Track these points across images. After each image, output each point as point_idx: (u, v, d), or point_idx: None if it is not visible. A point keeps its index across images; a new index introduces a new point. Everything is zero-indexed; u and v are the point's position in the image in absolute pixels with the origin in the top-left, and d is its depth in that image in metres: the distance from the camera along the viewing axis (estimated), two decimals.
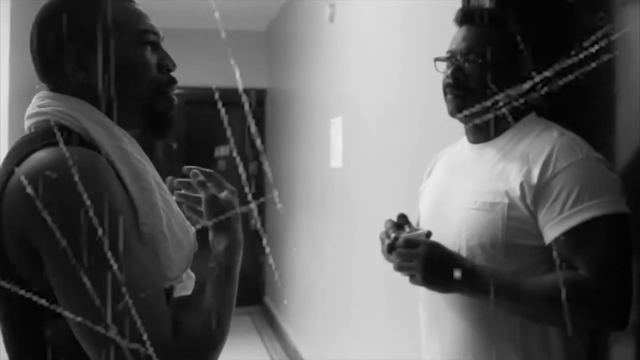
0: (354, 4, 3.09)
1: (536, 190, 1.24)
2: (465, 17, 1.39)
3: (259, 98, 5.74)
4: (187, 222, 1.05)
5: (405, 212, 1.44)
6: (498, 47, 1.33)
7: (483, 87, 1.32)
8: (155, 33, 1.04)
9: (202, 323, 0.91)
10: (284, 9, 4.88)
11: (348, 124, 3.18)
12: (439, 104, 1.44)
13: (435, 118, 1.81)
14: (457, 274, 1.23)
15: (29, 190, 0.83)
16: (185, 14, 4.88)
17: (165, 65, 1.04)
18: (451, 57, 1.39)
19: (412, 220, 1.44)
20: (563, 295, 1.15)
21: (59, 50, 0.97)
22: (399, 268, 1.29)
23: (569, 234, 1.20)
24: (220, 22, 5.31)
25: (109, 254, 0.81)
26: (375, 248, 1.45)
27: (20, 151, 0.90)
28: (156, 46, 1.04)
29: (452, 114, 1.40)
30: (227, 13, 5.09)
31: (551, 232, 1.22)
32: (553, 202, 1.22)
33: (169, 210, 0.98)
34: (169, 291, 0.98)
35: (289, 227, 4.76)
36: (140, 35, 1.01)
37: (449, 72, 1.38)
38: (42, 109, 0.96)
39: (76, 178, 0.82)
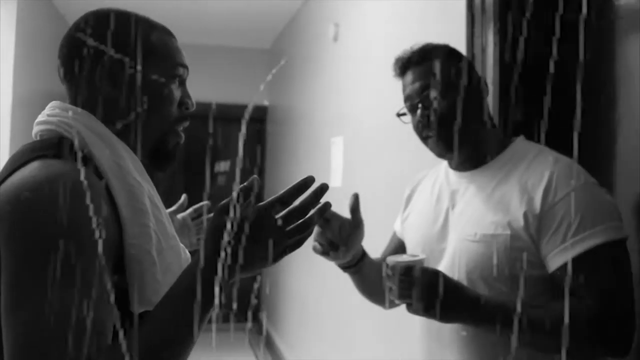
0: (358, 24, 3.12)
1: (539, 219, 1.22)
2: (406, 63, 1.38)
3: (261, 115, 5.76)
4: (181, 246, 1.03)
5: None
6: (449, 75, 1.32)
7: (456, 116, 1.29)
8: (187, 71, 1.06)
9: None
10: (288, 27, 4.91)
11: (349, 143, 3.19)
12: None
13: None
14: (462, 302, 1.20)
15: (2, 205, 0.83)
16: (189, 29, 4.92)
17: (185, 103, 1.06)
18: (412, 103, 1.37)
19: (388, 248, 1.39)
20: (568, 324, 1.13)
21: (92, 60, 0.97)
22: (400, 297, 1.24)
23: (573, 262, 1.18)
24: (226, 39, 5.35)
25: (49, 280, 0.78)
26: None
27: (15, 161, 0.91)
28: (182, 83, 1.06)
29: (441, 155, 1.39)
30: (232, 30, 5.13)
31: (555, 260, 1.21)
32: (556, 231, 1.21)
33: (161, 232, 0.97)
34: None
35: None
36: (174, 68, 1.03)
37: (417, 116, 1.36)
38: (50, 118, 0.98)
39: (46, 199, 0.82)
